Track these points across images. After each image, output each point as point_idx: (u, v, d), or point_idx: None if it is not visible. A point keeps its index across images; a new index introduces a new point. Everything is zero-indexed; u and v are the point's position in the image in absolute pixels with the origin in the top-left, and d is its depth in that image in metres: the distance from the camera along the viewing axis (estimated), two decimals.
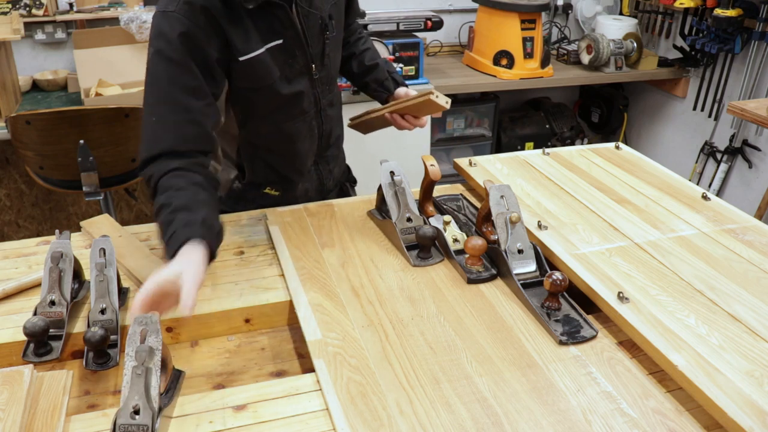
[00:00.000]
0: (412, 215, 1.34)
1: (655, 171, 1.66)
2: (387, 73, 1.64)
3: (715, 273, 1.21)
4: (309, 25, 1.38)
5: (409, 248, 1.32)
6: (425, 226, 1.31)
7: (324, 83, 1.49)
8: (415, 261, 1.30)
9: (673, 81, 3.54)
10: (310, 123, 1.50)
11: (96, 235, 1.32)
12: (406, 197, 1.36)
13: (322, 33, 1.42)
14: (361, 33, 1.71)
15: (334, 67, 1.52)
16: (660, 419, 0.92)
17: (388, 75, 1.64)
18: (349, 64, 1.66)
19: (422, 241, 1.30)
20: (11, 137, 2.35)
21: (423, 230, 1.29)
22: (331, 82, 1.53)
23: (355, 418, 0.91)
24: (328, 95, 1.52)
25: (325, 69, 1.47)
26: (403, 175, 1.38)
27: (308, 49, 1.40)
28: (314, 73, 1.44)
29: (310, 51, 1.40)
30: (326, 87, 1.50)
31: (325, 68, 1.47)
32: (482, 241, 1.24)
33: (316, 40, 1.41)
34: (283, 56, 1.36)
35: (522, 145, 3.65)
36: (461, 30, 3.63)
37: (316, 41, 1.41)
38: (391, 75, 1.65)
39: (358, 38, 1.69)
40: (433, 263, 1.30)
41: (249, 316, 1.19)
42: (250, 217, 1.50)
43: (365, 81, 1.66)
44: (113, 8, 3.08)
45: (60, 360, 1.06)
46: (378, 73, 1.65)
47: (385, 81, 1.63)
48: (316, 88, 1.46)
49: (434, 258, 1.31)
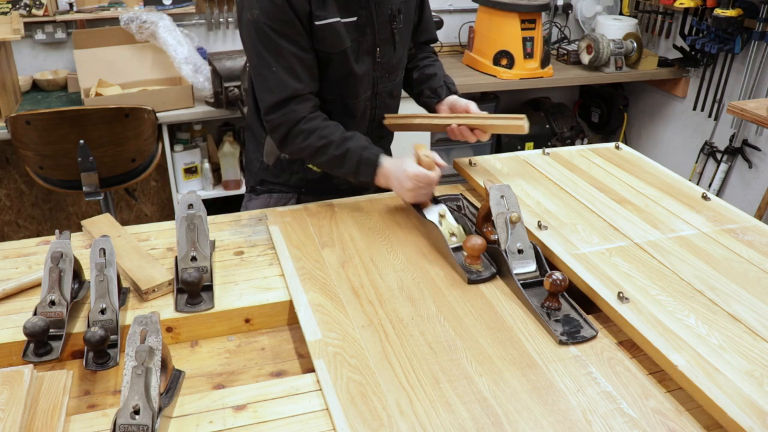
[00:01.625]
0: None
1: (655, 171, 1.66)
2: (442, 80, 1.70)
3: (715, 273, 1.21)
4: (379, 11, 1.50)
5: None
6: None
7: (386, 69, 1.58)
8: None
9: (673, 81, 3.54)
10: (365, 104, 1.59)
11: (96, 235, 1.32)
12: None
13: (390, 21, 1.53)
14: (431, 56, 1.79)
15: (397, 58, 1.60)
16: (660, 419, 0.92)
17: (443, 83, 1.70)
18: (411, 74, 1.75)
19: (188, 287, 1.15)
20: (11, 137, 2.35)
21: (188, 274, 1.15)
22: (393, 70, 1.61)
23: (355, 418, 0.91)
24: (387, 83, 1.61)
25: (388, 56, 1.56)
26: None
27: (377, 32, 1.51)
28: (378, 56, 1.54)
29: (379, 35, 1.52)
30: (387, 74, 1.59)
31: (389, 55, 1.57)
32: (481, 240, 1.24)
33: (384, 26, 1.52)
34: (356, 33, 1.48)
35: (522, 145, 3.64)
36: (461, 30, 3.63)
37: (383, 27, 1.52)
38: (446, 83, 1.70)
39: (426, 57, 1.77)
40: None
41: (249, 316, 1.19)
42: (251, 217, 1.50)
43: (421, 89, 1.73)
44: (113, 8, 3.08)
45: (60, 360, 1.06)
46: (434, 81, 1.71)
47: (439, 88, 1.69)
48: (377, 70, 1.56)
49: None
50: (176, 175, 3.07)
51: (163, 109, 2.72)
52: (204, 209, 1.25)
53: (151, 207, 3.57)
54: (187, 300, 1.17)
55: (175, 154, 3.02)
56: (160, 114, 2.68)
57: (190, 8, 3.16)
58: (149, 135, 2.53)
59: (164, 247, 1.37)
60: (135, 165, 2.55)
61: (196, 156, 3.08)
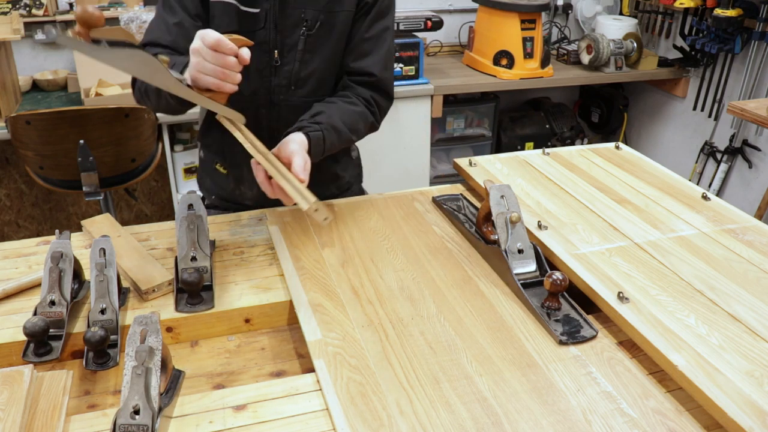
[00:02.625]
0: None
1: (655, 171, 1.66)
2: (310, 115, 1.38)
3: (715, 273, 1.21)
4: (284, 13, 1.40)
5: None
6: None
7: (287, 78, 1.47)
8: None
9: (673, 81, 3.54)
10: (258, 109, 1.49)
11: (96, 235, 1.32)
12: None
13: (298, 26, 1.42)
14: (350, 97, 1.49)
15: (308, 71, 1.47)
16: (660, 419, 0.92)
17: (309, 116, 1.38)
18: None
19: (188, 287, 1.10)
20: (11, 137, 2.35)
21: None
22: (300, 84, 1.48)
23: (355, 418, 0.91)
24: (291, 96, 1.49)
25: (291, 63, 1.45)
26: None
27: (278, 33, 1.42)
28: (275, 59, 1.44)
29: (279, 36, 1.42)
30: (290, 85, 1.47)
31: (292, 63, 1.45)
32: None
33: (290, 30, 1.42)
34: (251, 24, 1.40)
35: (522, 145, 3.65)
36: (461, 30, 3.63)
37: (289, 30, 1.42)
38: (312, 120, 1.36)
39: (344, 96, 1.49)
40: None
41: (249, 316, 1.19)
42: (251, 217, 1.50)
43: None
44: (113, 8, 3.08)
45: (60, 360, 1.06)
46: (307, 113, 1.40)
47: (301, 120, 1.37)
48: (274, 75, 1.46)
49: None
50: (176, 175, 3.07)
51: None
52: (204, 209, 1.25)
53: (151, 207, 3.58)
54: (187, 300, 1.17)
55: (175, 154, 3.03)
56: (160, 114, 2.68)
57: None
58: (149, 135, 2.53)
59: (164, 247, 1.37)
60: (135, 165, 2.55)
61: (196, 156, 3.08)
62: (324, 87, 1.52)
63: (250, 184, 1.60)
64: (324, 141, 1.34)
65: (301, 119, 1.37)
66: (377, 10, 1.49)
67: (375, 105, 1.52)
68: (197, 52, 1.12)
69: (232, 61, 1.11)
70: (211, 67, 1.11)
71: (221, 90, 1.14)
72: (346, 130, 1.42)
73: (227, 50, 1.10)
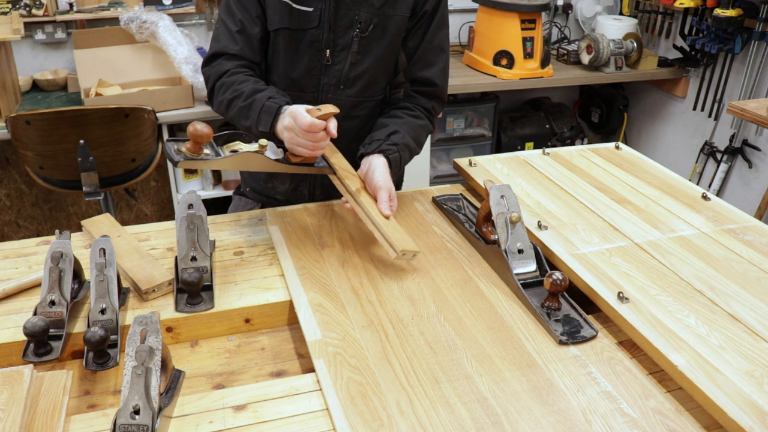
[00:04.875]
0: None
1: (655, 171, 1.66)
2: (386, 134, 1.44)
3: (715, 273, 1.21)
4: (340, 14, 1.42)
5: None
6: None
7: (337, 77, 1.48)
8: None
9: (673, 81, 3.54)
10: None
11: (96, 235, 1.32)
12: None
13: (352, 27, 1.44)
14: (415, 110, 1.53)
15: (358, 71, 1.48)
16: (660, 419, 0.92)
17: (386, 136, 1.43)
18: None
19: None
20: (11, 137, 2.35)
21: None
22: (350, 84, 1.49)
23: (355, 418, 0.91)
24: (340, 95, 1.50)
25: (341, 63, 1.47)
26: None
27: (331, 31, 1.43)
28: (327, 58, 1.46)
29: (333, 35, 1.44)
30: (339, 85, 1.49)
31: (342, 63, 1.47)
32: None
33: (344, 30, 1.44)
34: (303, 22, 1.43)
35: (522, 145, 3.65)
36: (461, 30, 3.63)
37: (343, 31, 1.44)
38: (389, 141, 1.42)
39: (405, 108, 1.53)
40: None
41: (249, 316, 1.19)
42: (251, 217, 1.50)
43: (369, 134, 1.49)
44: (113, 8, 3.08)
45: (60, 360, 1.06)
46: (379, 132, 1.45)
47: (376, 141, 1.42)
48: (324, 74, 1.48)
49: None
50: (176, 175, 3.06)
51: (163, 109, 2.72)
52: (204, 209, 1.25)
53: (151, 207, 3.58)
54: (187, 300, 1.17)
55: None
56: (160, 114, 2.68)
57: (190, 8, 3.16)
58: (149, 135, 2.53)
59: (164, 247, 1.37)
60: (135, 165, 2.55)
61: None
62: (372, 88, 1.53)
63: (282, 180, 1.63)
64: (400, 161, 1.44)
65: (377, 138, 1.43)
66: (439, 18, 1.52)
67: (434, 113, 1.60)
68: (291, 130, 1.27)
69: (322, 136, 1.26)
70: (303, 142, 1.26)
71: (313, 156, 1.32)
72: (415, 146, 1.51)
73: (317, 130, 1.24)
